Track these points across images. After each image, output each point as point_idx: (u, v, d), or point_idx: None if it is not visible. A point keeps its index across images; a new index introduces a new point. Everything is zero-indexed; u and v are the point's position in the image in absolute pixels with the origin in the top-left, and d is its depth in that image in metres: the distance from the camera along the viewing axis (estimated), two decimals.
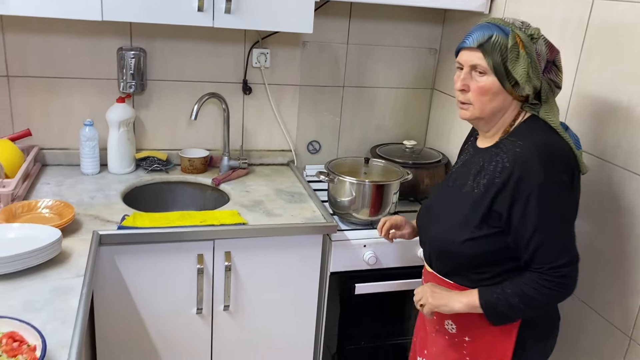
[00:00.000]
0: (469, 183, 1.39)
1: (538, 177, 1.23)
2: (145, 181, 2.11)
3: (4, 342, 1.06)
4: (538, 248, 1.26)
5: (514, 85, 1.29)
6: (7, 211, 1.63)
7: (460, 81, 1.33)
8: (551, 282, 1.26)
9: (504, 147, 1.33)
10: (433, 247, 1.45)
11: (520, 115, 1.36)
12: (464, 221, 1.35)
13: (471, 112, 1.35)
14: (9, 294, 1.30)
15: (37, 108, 2.09)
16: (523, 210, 1.25)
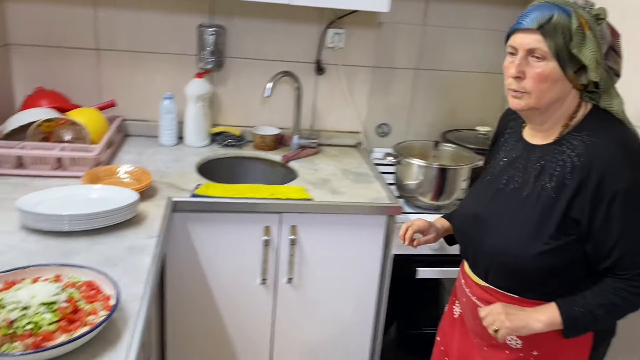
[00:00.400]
0: (529, 186, 1.25)
1: (624, 178, 1.12)
2: (219, 155, 2.19)
3: (83, 289, 1.14)
4: (624, 256, 1.15)
5: (577, 71, 1.16)
6: (91, 174, 1.74)
7: (515, 67, 1.18)
8: (638, 287, 1.17)
9: (571, 144, 1.20)
10: (492, 261, 1.30)
11: (582, 107, 1.22)
12: (536, 231, 1.21)
13: (526, 102, 1.20)
14: (90, 248, 1.39)
15: (122, 80, 2.21)
16: (606, 216, 1.14)
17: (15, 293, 1.06)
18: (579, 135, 1.20)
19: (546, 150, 1.24)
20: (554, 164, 1.21)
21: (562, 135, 1.23)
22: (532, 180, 1.25)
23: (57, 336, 1.00)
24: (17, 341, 0.97)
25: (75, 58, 2.15)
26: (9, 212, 1.53)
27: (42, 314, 1.02)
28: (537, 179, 1.24)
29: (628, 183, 1.12)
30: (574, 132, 1.21)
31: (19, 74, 2.13)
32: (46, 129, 1.88)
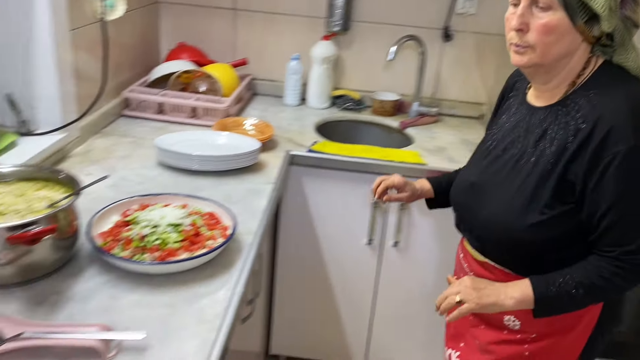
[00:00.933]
0: (528, 151, 1.12)
1: (626, 139, 0.98)
2: (337, 117, 2.24)
3: (205, 218, 1.25)
4: (611, 227, 1.02)
5: (587, 21, 1.02)
6: (221, 123, 1.87)
7: (518, 18, 1.04)
8: (625, 270, 1.04)
9: (576, 104, 1.06)
10: (487, 232, 1.18)
11: (592, 62, 1.08)
12: (530, 199, 1.09)
13: (529, 57, 1.06)
14: (214, 187, 1.52)
15: (254, 40, 2.34)
16: (600, 178, 1.01)
17: (148, 213, 1.19)
18: (585, 94, 1.06)
19: (549, 112, 1.11)
20: (556, 126, 1.09)
21: (567, 94, 1.09)
22: (531, 145, 1.12)
23: (180, 254, 1.12)
24: (146, 253, 1.10)
25: (215, 17, 2.30)
26: (149, 150, 1.70)
27: (169, 233, 1.14)
28: (537, 143, 1.11)
29: (630, 146, 0.98)
30: (580, 91, 1.08)
31: (165, 29, 2.33)
32: (185, 80, 2.05)
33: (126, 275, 1.10)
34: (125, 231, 1.15)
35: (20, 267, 1.01)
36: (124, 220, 1.20)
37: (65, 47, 1.55)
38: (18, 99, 1.52)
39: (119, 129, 1.87)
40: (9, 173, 1.16)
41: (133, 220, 1.17)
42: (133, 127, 1.89)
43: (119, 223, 1.19)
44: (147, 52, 2.25)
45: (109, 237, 1.15)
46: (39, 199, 1.11)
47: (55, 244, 1.05)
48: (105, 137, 1.78)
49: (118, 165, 1.60)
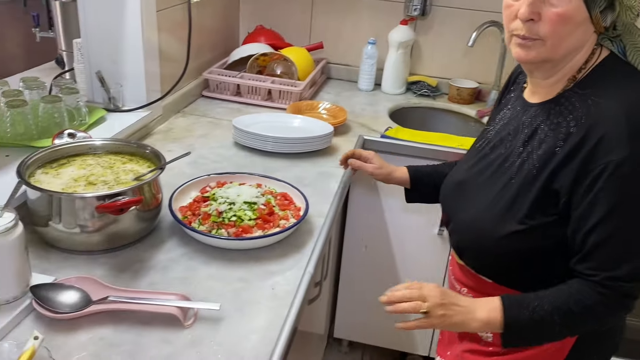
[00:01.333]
0: (514, 152, 1.01)
1: (619, 148, 0.85)
2: (412, 103, 2.21)
3: (278, 198, 1.27)
4: (598, 245, 0.89)
5: (603, 10, 0.90)
6: (295, 106, 1.89)
7: (528, 6, 0.90)
8: (609, 299, 0.90)
9: (570, 104, 0.94)
10: (463, 235, 1.09)
11: (596, 54, 0.95)
12: (509, 207, 0.98)
13: (537, 52, 0.93)
14: (287, 169, 1.54)
15: (331, 24, 2.33)
16: (587, 190, 0.88)
17: (225, 190, 1.23)
18: (582, 93, 0.94)
19: (541, 110, 1.00)
20: (547, 127, 0.97)
21: (564, 90, 0.97)
22: (519, 146, 1.01)
23: (254, 231, 1.14)
24: (222, 228, 1.14)
25: (293, 0, 2.32)
26: (226, 130, 1.75)
27: (245, 211, 1.17)
28: (526, 144, 1.00)
29: (624, 156, 0.85)
30: (577, 89, 0.95)
31: (245, 12, 2.38)
32: (262, 63, 2.08)
33: (203, 249, 1.14)
34: (203, 206, 1.19)
35: (106, 235, 1.08)
36: (202, 196, 1.24)
37: (151, 28, 1.61)
38: (107, 76, 1.60)
39: (198, 108, 1.93)
40: (100, 146, 1.23)
41: (211, 196, 1.21)
42: (211, 108, 1.95)
43: (197, 199, 1.24)
44: (227, 35, 2.30)
45: (188, 211, 1.20)
46: (126, 172, 1.17)
47: (139, 215, 1.10)
48: (185, 117, 1.85)
49: (197, 143, 1.65)
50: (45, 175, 1.13)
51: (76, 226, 1.05)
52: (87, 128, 1.45)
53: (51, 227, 1.06)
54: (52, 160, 1.17)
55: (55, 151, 1.18)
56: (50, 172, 1.14)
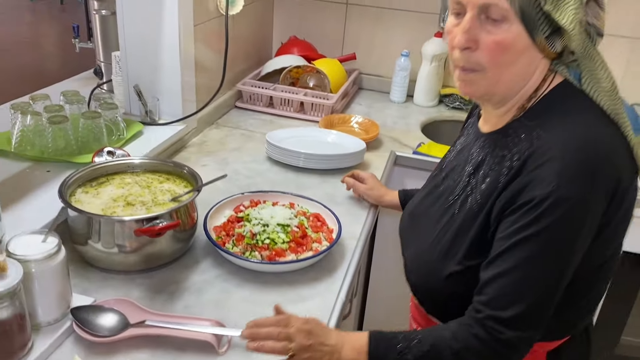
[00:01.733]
0: (460, 185, 0.96)
1: (546, 185, 0.79)
2: (445, 117, 2.19)
3: (311, 219, 1.28)
4: (492, 279, 0.82)
5: (549, 36, 0.82)
6: (327, 120, 1.90)
7: (464, 33, 0.83)
8: (484, 344, 0.82)
9: (516, 136, 0.87)
10: (411, 271, 1.04)
11: (547, 81, 0.87)
12: (449, 246, 0.93)
13: (478, 85, 0.87)
14: (319, 186, 1.54)
15: (364, 35, 2.33)
16: (508, 221, 0.83)
17: (259, 211, 1.24)
18: (528, 124, 0.87)
19: (489, 141, 0.93)
20: (492, 159, 0.91)
21: (512, 120, 0.90)
22: (465, 179, 0.95)
23: (287, 254, 1.15)
24: (256, 251, 1.15)
25: (327, 11, 2.32)
26: (259, 143, 1.76)
27: (278, 233, 1.17)
28: (472, 176, 0.94)
29: (547, 193, 0.78)
30: (525, 120, 0.88)
31: (278, 22, 2.38)
32: (295, 75, 2.09)
33: (237, 270, 1.15)
34: (237, 227, 1.20)
35: (143, 255, 1.10)
36: (236, 216, 1.25)
37: (189, 42, 1.63)
38: (144, 90, 1.63)
39: (231, 120, 1.95)
40: (138, 164, 1.25)
41: (245, 217, 1.23)
42: (244, 119, 1.96)
43: (231, 218, 1.25)
44: (260, 45, 2.31)
45: (222, 231, 1.21)
46: (163, 192, 1.19)
47: (176, 235, 1.12)
48: (219, 128, 1.87)
49: (230, 157, 1.67)
50: (86, 194, 1.15)
51: (114, 246, 1.07)
52: (125, 143, 1.48)
53: (90, 246, 1.09)
54: (92, 178, 1.20)
55: (95, 170, 1.21)
56: (90, 192, 1.16)
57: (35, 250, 0.88)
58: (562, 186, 0.78)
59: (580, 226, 0.80)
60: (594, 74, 0.87)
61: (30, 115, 1.34)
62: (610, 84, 0.88)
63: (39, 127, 1.35)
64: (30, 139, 1.36)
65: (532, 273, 0.81)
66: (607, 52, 2.18)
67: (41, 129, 1.35)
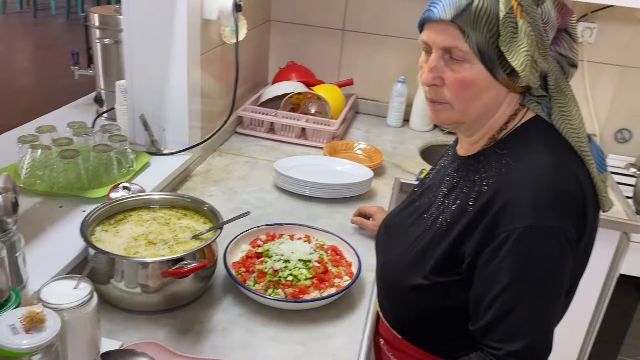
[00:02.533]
0: (434, 204, 1.00)
1: (523, 216, 0.82)
2: (441, 141, 2.22)
3: (329, 253, 1.28)
4: (501, 317, 0.83)
5: (511, 73, 0.87)
6: (331, 147, 1.91)
7: (430, 71, 0.89)
8: None
9: (488, 163, 0.92)
10: (380, 282, 1.08)
11: (520, 115, 0.92)
12: (417, 260, 0.95)
13: (447, 115, 0.92)
14: (330, 215, 1.55)
15: (360, 60, 2.35)
16: (493, 255, 0.84)
17: (279, 246, 1.24)
18: (499, 153, 0.91)
19: (463, 165, 0.98)
20: (464, 183, 0.95)
21: (484, 148, 0.95)
22: (440, 198, 0.99)
23: (311, 291, 1.15)
24: (279, 288, 1.14)
25: (323, 37, 2.34)
26: (264, 171, 1.76)
27: (300, 269, 1.17)
28: (445, 197, 0.98)
29: (527, 225, 0.81)
30: (496, 148, 0.92)
31: (275, 47, 2.40)
32: (295, 101, 2.10)
33: (259, 308, 1.14)
34: (258, 263, 1.20)
35: (166, 296, 1.08)
36: (255, 251, 1.24)
37: (196, 71, 1.63)
38: (150, 119, 1.62)
39: (233, 146, 1.94)
40: (156, 200, 1.24)
41: (265, 252, 1.22)
42: (247, 145, 1.96)
43: (250, 254, 1.24)
44: (258, 70, 2.32)
45: (242, 267, 1.21)
46: (182, 229, 1.18)
47: (199, 274, 1.11)
48: (222, 156, 1.86)
49: (237, 186, 1.66)
50: (105, 233, 1.13)
51: (137, 286, 1.06)
52: (134, 175, 1.46)
53: (112, 286, 1.07)
54: (109, 215, 1.18)
55: (112, 207, 1.19)
56: (109, 230, 1.14)
57: (69, 298, 0.86)
58: (539, 217, 0.81)
59: (564, 251, 0.83)
60: (564, 111, 0.90)
61: (41, 150, 1.31)
62: (579, 121, 0.91)
63: (49, 160, 1.32)
64: (39, 173, 1.33)
65: (537, 305, 0.83)
66: (598, 80, 2.26)
67: (51, 163, 1.33)
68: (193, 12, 1.54)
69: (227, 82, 1.88)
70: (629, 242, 1.74)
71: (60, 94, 4.60)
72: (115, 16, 1.76)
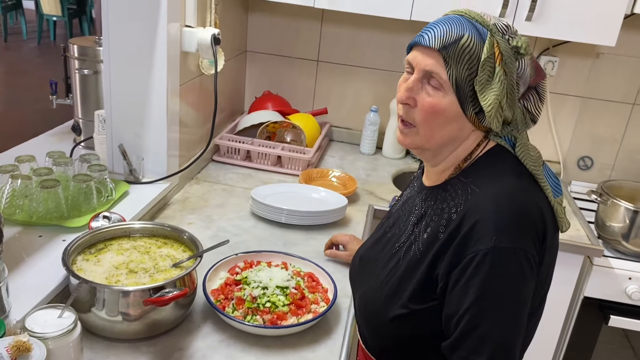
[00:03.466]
0: (405, 234, 1.03)
1: (487, 238, 0.87)
2: (412, 168, 2.29)
3: (306, 280, 1.32)
4: (466, 334, 0.88)
5: (479, 112, 0.93)
6: (306, 174, 1.96)
7: (406, 89, 0.94)
8: None
9: (454, 191, 0.96)
10: (359, 314, 1.10)
11: (481, 146, 0.98)
12: (394, 290, 0.98)
13: (412, 139, 0.97)
14: (306, 242, 1.59)
15: (334, 90, 2.43)
16: (459, 278, 0.89)
17: (257, 273, 1.27)
18: (464, 181, 0.96)
19: (431, 194, 1.02)
20: (433, 211, 0.99)
21: (450, 177, 1.00)
22: (410, 228, 1.03)
23: (288, 317, 1.18)
24: (257, 315, 1.17)
25: (298, 67, 2.41)
26: (241, 199, 1.80)
27: (278, 296, 1.21)
28: (415, 227, 1.02)
29: (490, 247, 0.86)
30: (461, 177, 0.97)
31: (251, 77, 2.45)
32: (271, 129, 2.15)
33: (238, 335, 1.17)
34: (237, 290, 1.23)
35: (147, 324, 1.10)
36: (234, 279, 1.27)
37: (175, 101, 1.67)
38: (129, 149, 1.64)
39: (210, 174, 1.98)
40: (136, 229, 1.26)
41: (244, 280, 1.25)
42: (223, 173, 2.00)
43: (228, 281, 1.27)
44: (234, 99, 2.37)
45: (221, 294, 1.23)
46: (163, 257, 1.21)
47: (179, 302, 1.13)
48: (199, 184, 1.89)
49: (215, 214, 1.69)
50: (86, 262, 1.15)
51: (118, 314, 1.08)
52: (113, 204, 1.48)
53: (93, 314, 1.08)
54: (90, 245, 1.20)
55: (93, 236, 1.21)
56: (90, 259, 1.16)
57: (53, 327, 0.88)
58: (502, 239, 0.86)
59: (525, 271, 0.88)
60: (526, 144, 0.98)
61: (21, 180, 1.33)
62: (537, 154, 0.98)
63: (29, 190, 1.34)
64: (18, 203, 1.34)
65: (503, 322, 0.87)
66: (560, 110, 2.37)
67: (31, 193, 1.34)
68: (173, 45, 1.59)
69: (205, 111, 1.93)
70: (592, 266, 1.82)
71: (33, 118, 4.57)
72: (95, 47, 1.79)
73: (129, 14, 1.53)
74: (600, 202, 1.88)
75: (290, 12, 2.32)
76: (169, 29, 1.54)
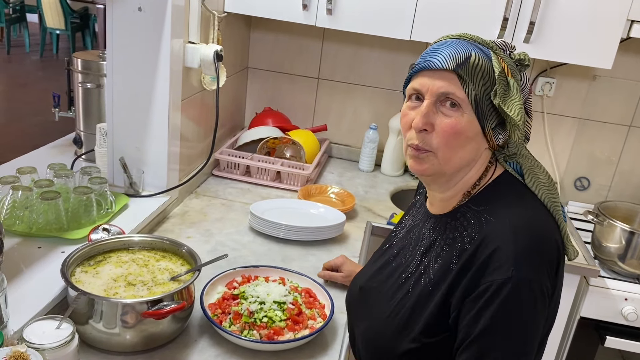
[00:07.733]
0: (413, 264, 1.00)
1: (504, 269, 0.85)
2: (411, 186, 2.31)
3: (303, 295, 1.32)
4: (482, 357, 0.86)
5: (495, 127, 0.93)
6: (305, 190, 1.97)
7: (422, 117, 0.91)
8: None
9: (465, 220, 0.94)
10: (363, 349, 1.05)
11: (490, 172, 0.97)
12: (404, 324, 0.95)
13: (429, 165, 0.94)
14: (304, 257, 1.60)
15: (334, 107, 2.45)
16: (472, 306, 0.87)
17: (254, 288, 1.27)
18: (476, 210, 0.94)
19: (440, 223, 0.99)
20: (444, 241, 0.96)
21: (459, 205, 0.97)
22: (418, 258, 1.00)
23: (285, 332, 1.19)
24: (254, 329, 1.18)
25: (299, 84, 2.43)
26: (239, 214, 1.81)
27: (275, 311, 1.21)
28: (424, 256, 0.99)
29: (506, 277, 0.85)
30: (471, 205, 0.95)
31: (252, 93, 2.48)
32: (271, 145, 2.17)
33: (235, 349, 1.17)
34: (234, 305, 1.23)
35: (144, 336, 1.10)
36: (232, 293, 1.28)
37: (176, 116, 1.68)
38: (129, 162, 1.66)
39: (210, 189, 1.99)
40: (135, 242, 1.27)
41: (241, 294, 1.26)
42: (222, 188, 2.01)
43: (226, 295, 1.28)
44: (235, 114, 2.39)
45: (218, 309, 1.24)
46: (161, 270, 1.21)
47: (176, 315, 1.14)
48: (199, 198, 1.90)
49: (213, 228, 1.70)
50: (85, 274, 1.16)
51: (116, 327, 1.08)
52: (113, 217, 1.49)
53: (90, 326, 1.09)
54: (89, 257, 1.21)
55: (93, 248, 1.22)
56: (89, 271, 1.17)
57: (51, 338, 0.88)
58: (519, 270, 0.85)
59: (539, 303, 0.86)
60: (533, 169, 0.97)
61: (22, 191, 1.34)
62: (547, 177, 0.97)
63: (30, 201, 1.35)
64: (19, 214, 1.35)
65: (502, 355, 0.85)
66: (557, 131, 2.39)
67: (31, 204, 1.35)
68: (176, 60, 1.61)
69: (206, 126, 1.95)
70: (588, 286, 1.83)
71: (34, 131, 4.60)
72: (98, 61, 1.82)
73: (133, 29, 1.55)
74: (597, 222, 1.90)
75: (291, 30, 2.35)
76: (172, 45, 1.57)
